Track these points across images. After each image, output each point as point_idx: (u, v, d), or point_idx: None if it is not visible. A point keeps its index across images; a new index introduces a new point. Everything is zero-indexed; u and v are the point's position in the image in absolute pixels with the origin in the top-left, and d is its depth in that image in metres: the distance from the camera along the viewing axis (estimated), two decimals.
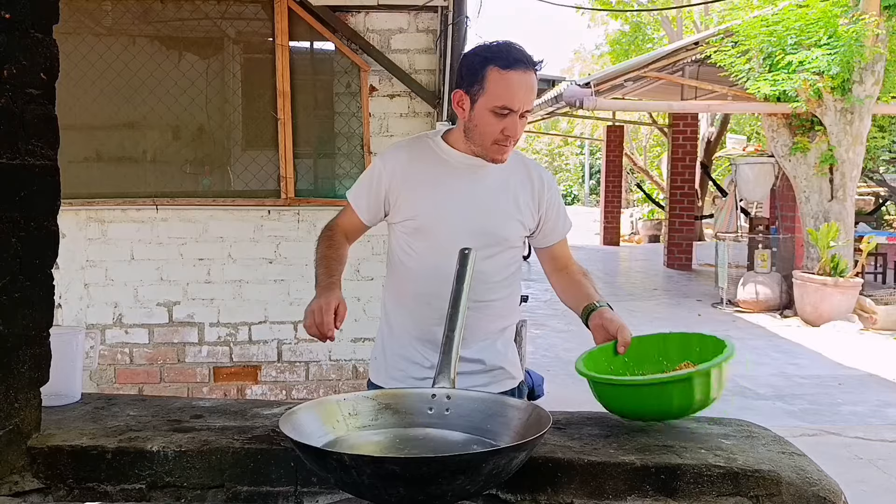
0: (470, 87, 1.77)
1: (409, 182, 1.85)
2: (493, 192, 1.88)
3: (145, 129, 4.23)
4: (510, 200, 1.90)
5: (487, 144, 1.79)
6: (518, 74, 1.72)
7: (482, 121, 1.77)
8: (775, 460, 1.50)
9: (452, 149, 1.87)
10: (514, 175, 1.92)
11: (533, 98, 1.78)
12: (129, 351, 4.26)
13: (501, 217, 1.88)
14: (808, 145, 9.13)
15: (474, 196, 1.86)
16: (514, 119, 1.75)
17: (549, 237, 1.99)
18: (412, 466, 1.12)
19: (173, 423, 1.65)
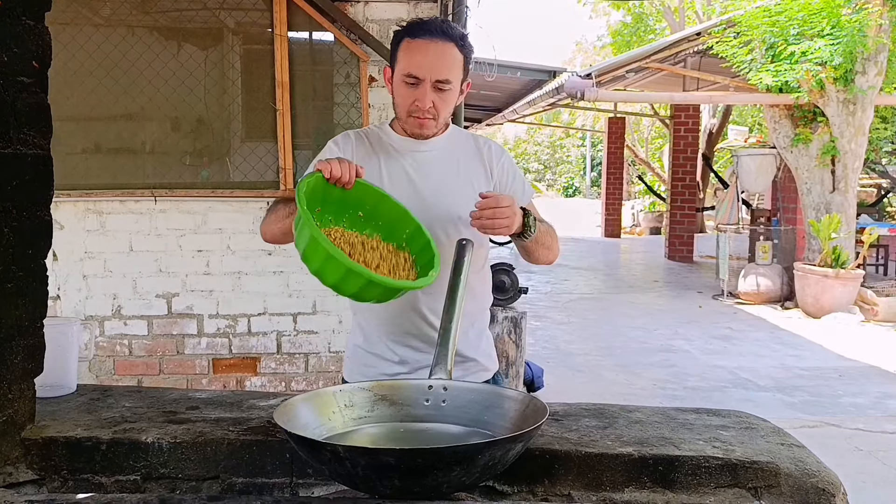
0: (391, 60, 1.81)
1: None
2: (439, 170, 1.87)
3: (144, 121, 4.21)
4: (459, 175, 1.87)
5: (404, 116, 1.80)
6: (425, 42, 1.73)
7: (397, 91, 1.80)
8: (774, 452, 1.49)
9: (395, 133, 1.88)
10: (459, 148, 1.91)
11: (448, 69, 1.74)
12: (128, 342, 4.25)
13: (452, 195, 1.84)
14: (811, 136, 9.10)
15: (421, 177, 1.85)
16: (425, 89, 1.73)
17: None
18: (407, 458, 1.11)
19: (168, 415, 1.64)
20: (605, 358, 6.71)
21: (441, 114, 1.78)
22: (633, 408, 1.78)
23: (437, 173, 1.86)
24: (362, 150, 1.87)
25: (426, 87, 1.74)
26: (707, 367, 6.48)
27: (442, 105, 1.77)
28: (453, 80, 1.76)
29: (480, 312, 1.95)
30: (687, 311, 9.20)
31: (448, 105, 1.79)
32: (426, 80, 1.73)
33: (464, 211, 1.83)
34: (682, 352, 7.08)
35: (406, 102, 1.77)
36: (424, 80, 1.73)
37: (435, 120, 1.79)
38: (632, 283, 11.60)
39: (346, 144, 1.88)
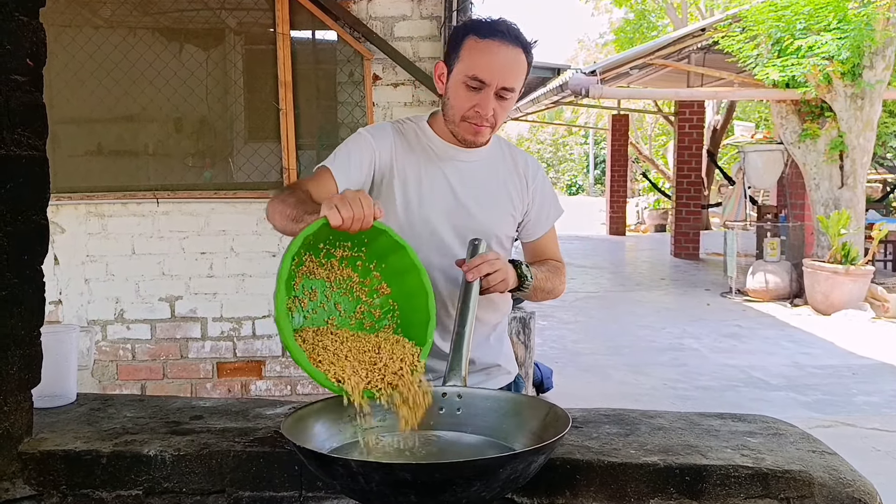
0: (449, 56, 1.66)
1: (396, 173, 1.70)
2: (481, 184, 1.75)
3: (145, 122, 4.15)
4: (500, 190, 1.78)
5: (457, 121, 1.65)
6: (496, 45, 1.58)
7: (454, 93, 1.64)
8: (806, 460, 1.42)
9: (436, 135, 1.73)
10: (500, 161, 1.80)
11: (515, 77, 1.62)
12: (130, 347, 4.20)
13: (493, 209, 1.75)
14: (818, 132, 9.01)
15: (463, 187, 1.73)
16: (488, 95, 1.60)
17: (534, 229, 1.85)
18: (424, 473, 1.05)
19: (171, 425, 1.58)
20: (613, 357, 6.64)
21: (498, 122, 1.66)
22: (654, 413, 1.71)
23: (478, 185, 1.75)
24: (401, 148, 1.72)
25: (490, 93, 1.60)
26: (717, 365, 6.41)
27: (501, 114, 1.64)
28: (517, 89, 1.64)
29: (500, 318, 1.88)
30: (695, 309, 9.11)
31: (505, 114, 1.67)
32: (491, 86, 1.59)
33: (501, 229, 1.78)
34: (691, 350, 7.00)
35: (464, 106, 1.63)
36: (490, 85, 1.59)
37: (492, 128, 1.67)
38: (638, 281, 11.51)
39: (383, 139, 1.71)
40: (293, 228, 1.45)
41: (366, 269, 1.46)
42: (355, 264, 1.45)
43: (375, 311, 1.46)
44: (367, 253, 1.44)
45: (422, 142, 1.73)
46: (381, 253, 1.44)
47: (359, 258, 1.45)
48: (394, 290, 1.47)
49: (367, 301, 1.46)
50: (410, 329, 1.44)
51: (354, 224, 1.28)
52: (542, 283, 1.73)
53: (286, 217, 1.48)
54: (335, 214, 1.27)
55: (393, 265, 1.46)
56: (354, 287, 1.46)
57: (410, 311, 1.45)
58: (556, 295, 1.81)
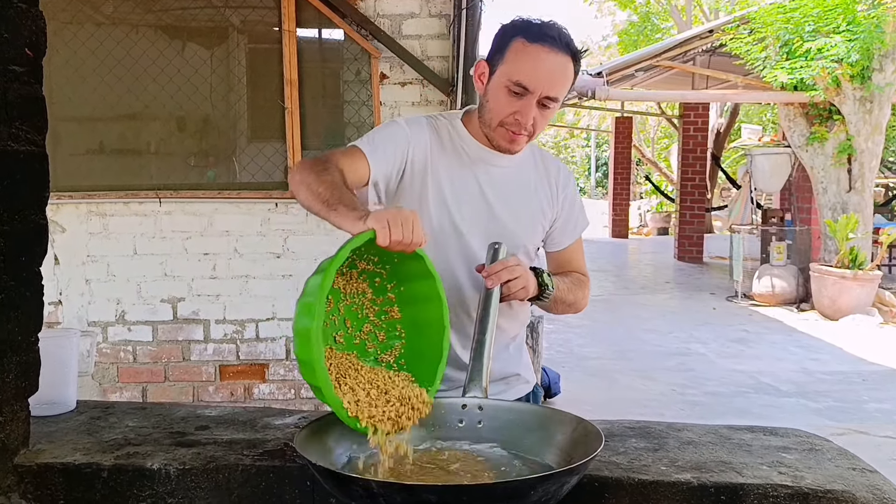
0: (492, 56, 1.56)
1: (430, 171, 1.61)
2: (514, 192, 1.67)
3: (148, 120, 4.08)
4: (531, 199, 1.69)
5: (494, 125, 1.56)
6: (544, 51, 1.48)
7: (494, 96, 1.54)
8: (846, 478, 1.34)
9: (470, 136, 1.64)
10: (532, 169, 1.71)
11: (561, 86, 1.52)
12: (132, 349, 4.12)
13: (523, 219, 1.67)
14: (826, 135, 8.93)
15: (495, 194, 1.64)
16: (530, 103, 1.51)
17: (560, 239, 1.77)
18: (451, 495, 0.97)
19: (176, 436, 1.50)
20: (619, 362, 6.56)
21: (536, 132, 1.57)
22: (681, 426, 1.63)
23: (510, 193, 1.67)
24: (436, 145, 1.63)
25: (532, 101, 1.51)
26: (725, 371, 6.32)
27: (541, 123, 1.56)
28: (560, 99, 1.55)
29: (520, 327, 1.80)
30: (701, 313, 9.03)
31: (545, 124, 1.58)
32: (535, 94, 1.50)
33: (530, 239, 1.70)
34: (698, 355, 6.92)
35: (503, 111, 1.54)
36: (534, 92, 1.50)
37: (529, 138, 1.58)
38: (643, 285, 11.43)
39: (419, 133, 1.62)
40: (321, 211, 1.34)
41: (382, 287, 1.37)
42: (373, 280, 1.36)
43: (380, 333, 1.37)
44: (389, 271, 1.36)
45: (454, 142, 1.65)
46: (404, 275, 1.35)
47: (379, 274, 1.36)
48: (405, 316, 1.38)
49: (373, 321, 1.37)
50: (417, 363, 1.35)
51: (399, 247, 1.20)
52: (564, 295, 1.65)
53: (317, 197, 1.35)
54: (385, 233, 1.18)
55: (414, 291, 1.36)
56: (365, 304, 1.37)
57: (421, 343, 1.36)
58: (577, 309, 1.73)
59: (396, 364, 1.36)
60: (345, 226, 1.26)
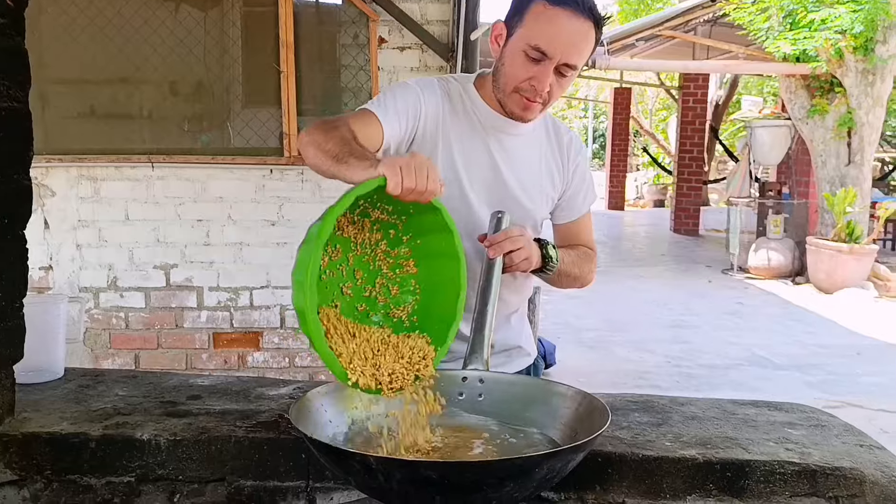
0: (511, 18, 1.48)
1: (441, 136, 1.54)
2: (525, 162, 1.60)
3: (140, 84, 3.98)
4: (541, 169, 1.63)
5: (508, 91, 1.48)
6: (566, 15, 1.39)
7: (510, 60, 1.47)
8: (854, 455, 1.31)
9: (482, 102, 1.57)
10: (544, 137, 1.65)
11: (581, 54, 1.44)
12: (124, 315, 4.07)
13: (532, 193, 1.61)
14: (827, 108, 8.85)
15: (506, 164, 1.58)
16: (548, 70, 1.43)
17: (568, 212, 1.70)
18: (453, 472, 0.93)
19: (167, 406, 1.46)
20: (615, 333, 6.54)
21: (551, 101, 1.50)
22: (684, 400, 1.59)
23: (521, 163, 1.60)
24: (448, 109, 1.56)
25: (550, 67, 1.43)
26: (721, 343, 6.32)
27: (557, 91, 1.49)
28: (579, 67, 1.47)
29: (522, 300, 1.75)
30: (696, 286, 9.02)
31: (562, 93, 1.52)
32: (553, 60, 1.42)
33: (539, 211, 1.64)
34: (693, 327, 6.91)
35: (519, 76, 1.46)
36: (552, 58, 1.42)
37: (544, 106, 1.51)
38: (639, 257, 11.41)
39: (431, 95, 1.55)
40: (331, 167, 1.25)
41: (398, 239, 1.30)
42: (388, 231, 1.29)
43: (393, 287, 1.31)
44: (405, 223, 1.29)
45: (466, 107, 1.58)
46: (421, 228, 1.28)
47: (395, 226, 1.29)
48: (421, 271, 1.31)
49: (387, 274, 1.31)
50: (430, 322, 1.29)
51: (413, 196, 1.12)
52: (569, 268, 1.60)
53: (326, 153, 1.27)
54: (397, 181, 1.10)
55: (430, 246, 1.29)
56: (379, 255, 1.30)
57: (435, 301, 1.30)
58: (582, 283, 1.68)
59: (408, 321, 1.30)
60: (356, 177, 1.17)
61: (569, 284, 1.66)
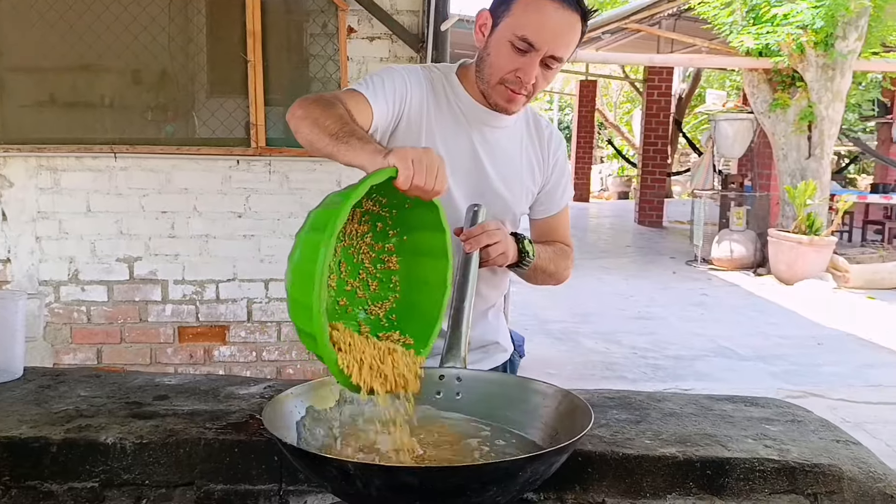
0: (497, 7, 1.46)
1: (424, 126, 1.51)
2: (506, 155, 1.58)
3: (101, 72, 3.87)
4: (522, 162, 1.61)
5: (493, 82, 1.47)
6: (553, 6, 1.38)
7: (496, 50, 1.45)
8: (832, 451, 1.31)
9: (466, 93, 1.54)
10: (525, 130, 1.63)
11: (567, 46, 1.43)
12: (86, 309, 3.97)
13: (514, 187, 1.59)
14: (789, 102, 8.98)
15: (490, 157, 1.56)
16: (534, 61, 1.41)
17: (546, 207, 1.69)
18: (435, 477, 0.90)
19: (132, 407, 1.41)
20: (582, 325, 6.58)
21: (535, 93, 1.49)
22: (661, 396, 1.59)
23: (503, 156, 1.58)
24: (432, 101, 1.53)
25: (536, 59, 1.41)
26: (686, 334, 6.38)
27: (542, 84, 1.47)
28: (564, 60, 1.46)
29: (499, 295, 1.73)
30: (661, 277, 9.11)
31: (546, 86, 1.50)
32: (540, 51, 1.40)
33: (519, 206, 1.62)
34: (659, 318, 6.98)
35: (505, 67, 1.44)
36: (539, 50, 1.40)
37: (528, 98, 1.49)
38: (604, 249, 11.49)
39: (416, 83, 1.52)
40: (328, 145, 1.21)
41: (384, 233, 1.26)
42: (375, 223, 1.25)
43: (373, 282, 1.27)
44: (395, 217, 1.24)
45: (449, 97, 1.55)
46: (411, 224, 1.24)
47: (383, 219, 1.25)
48: (403, 269, 1.28)
49: (367, 268, 1.27)
50: (410, 321, 1.25)
51: (417, 192, 1.10)
52: (545, 264, 1.58)
53: (324, 130, 1.22)
54: (408, 174, 1.07)
55: (418, 243, 1.25)
56: (363, 248, 1.25)
57: (417, 301, 1.26)
58: (558, 280, 1.66)
59: (386, 319, 1.26)
60: (359, 160, 1.13)
61: (544, 281, 1.64)
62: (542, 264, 1.57)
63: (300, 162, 3.91)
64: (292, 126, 1.31)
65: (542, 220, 1.70)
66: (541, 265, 1.56)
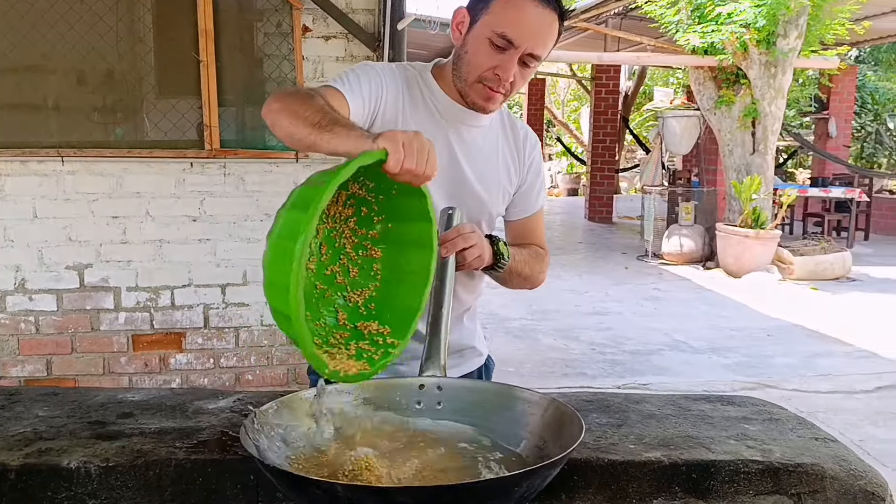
0: (475, 5, 1.44)
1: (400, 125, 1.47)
2: (483, 155, 1.56)
3: (46, 73, 3.72)
4: (499, 163, 1.59)
5: (471, 80, 1.45)
6: (533, 5, 1.38)
7: (474, 48, 1.43)
8: (812, 450, 1.32)
9: (442, 91, 1.52)
10: (501, 130, 1.61)
11: (546, 44, 1.43)
12: (34, 319, 3.82)
13: (490, 188, 1.57)
14: (733, 98, 9.17)
15: (466, 157, 1.53)
16: (513, 59, 1.41)
17: (521, 209, 1.67)
18: (429, 497, 0.87)
19: (95, 427, 1.34)
20: (540, 322, 6.60)
21: (512, 92, 1.47)
22: (638, 397, 1.58)
23: (480, 156, 1.55)
24: (407, 99, 1.50)
25: (515, 57, 1.41)
26: (641, 329, 6.46)
27: (519, 83, 1.46)
28: (542, 59, 1.45)
29: (475, 299, 1.70)
30: (614, 273, 9.21)
31: (523, 84, 1.49)
32: (519, 49, 1.40)
33: (496, 207, 1.60)
34: (615, 314, 7.05)
35: (483, 65, 1.43)
36: (518, 47, 1.39)
37: (505, 97, 1.47)
38: (558, 245, 11.56)
39: (392, 81, 1.49)
40: (310, 135, 1.17)
41: (369, 218, 1.21)
42: (360, 208, 1.20)
43: (353, 269, 1.22)
44: (381, 203, 1.19)
45: (425, 96, 1.53)
46: (397, 212, 1.20)
47: (369, 204, 1.20)
48: (386, 257, 1.23)
49: (349, 254, 1.22)
50: (389, 312, 1.21)
51: (407, 177, 1.06)
52: (520, 267, 1.56)
53: (305, 120, 1.19)
54: (398, 157, 1.03)
55: (402, 232, 1.21)
56: (346, 232, 1.21)
57: (398, 291, 1.22)
58: (532, 283, 1.64)
59: (364, 307, 1.22)
60: (346, 147, 1.09)
61: (519, 284, 1.62)
62: (517, 267, 1.55)
63: (256, 164, 3.83)
64: (270, 121, 1.27)
65: (518, 222, 1.68)
66: (516, 268, 1.54)
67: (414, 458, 1.07)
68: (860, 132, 16.19)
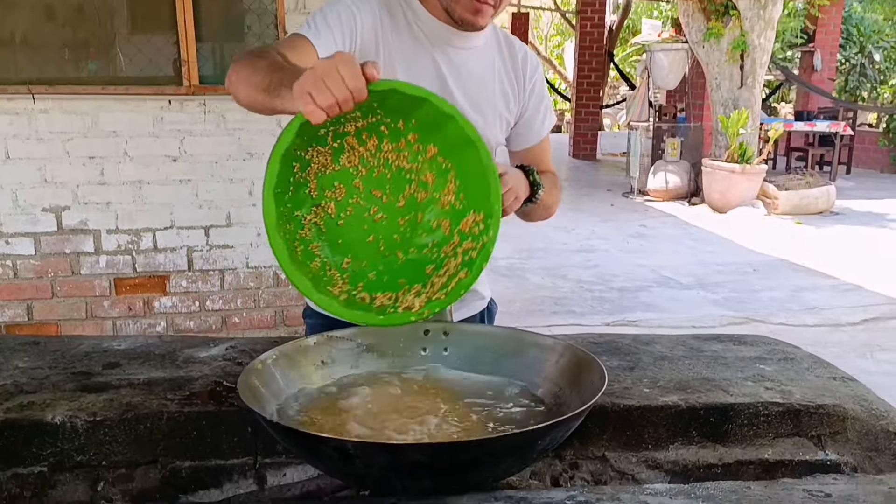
0: None
1: (381, 56, 1.37)
2: (477, 79, 1.45)
3: (12, 6, 3.52)
4: (495, 85, 1.48)
5: None
6: None
7: None
8: (832, 390, 1.27)
9: (427, 13, 1.40)
10: (496, 51, 1.49)
11: None
12: (11, 264, 3.70)
13: (485, 113, 1.46)
14: (722, 31, 9.01)
15: (456, 80, 1.43)
16: None
17: (526, 136, 1.57)
18: (446, 454, 0.80)
19: (80, 378, 1.27)
20: (528, 261, 6.56)
21: (500, 7, 1.37)
22: (647, 338, 1.53)
23: (472, 80, 1.44)
24: (387, 25, 1.39)
25: None
26: (628, 266, 6.44)
27: None
28: None
29: None
30: (600, 210, 9.17)
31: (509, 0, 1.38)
32: None
33: (493, 133, 1.49)
34: (602, 251, 7.02)
35: None
36: None
37: (495, 10, 1.37)
38: None
39: (367, 11, 1.36)
40: (264, 101, 1.09)
41: (396, 130, 1.12)
42: (379, 130, 1.11)
43: (427, 174, 1.14)
44: (385, 111, 1.10)
45: (408, 19, 1.41)
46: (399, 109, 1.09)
47: (381, 122, 1.10)
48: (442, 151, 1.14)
49: (412, 168, 1.14)
50: (476, 200, 1.14)
51: (344, 107, 0.94)
52: (546, 198, 1.47)
53: (254, 86, 1.11)
54: (313, 109, 0.93)
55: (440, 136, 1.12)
56: (390, 157, 1.13)
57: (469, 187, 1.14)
58: (552, 213, 1.56)
59: (458, 202, 1.15)
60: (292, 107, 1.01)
61: (540, 216, 1.54)
62: (544, 199, 1.46)
63: None
64: (232, 94, 1.19)
65: (524, 152, 1.58)
66: (544, 200, 1.46)
67: (425, 410, 1.00)
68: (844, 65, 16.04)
